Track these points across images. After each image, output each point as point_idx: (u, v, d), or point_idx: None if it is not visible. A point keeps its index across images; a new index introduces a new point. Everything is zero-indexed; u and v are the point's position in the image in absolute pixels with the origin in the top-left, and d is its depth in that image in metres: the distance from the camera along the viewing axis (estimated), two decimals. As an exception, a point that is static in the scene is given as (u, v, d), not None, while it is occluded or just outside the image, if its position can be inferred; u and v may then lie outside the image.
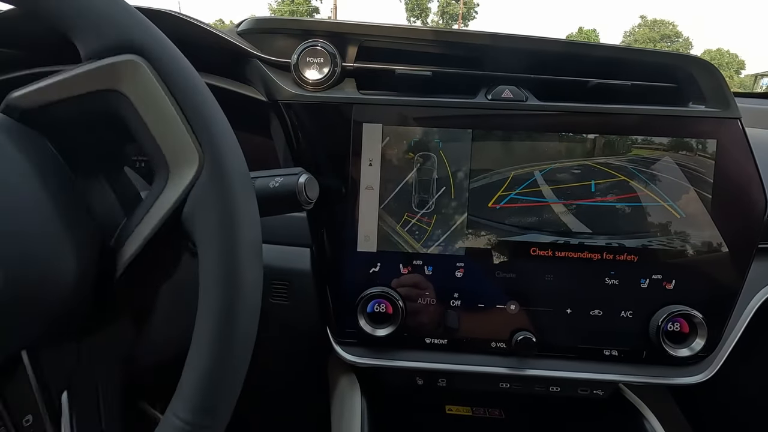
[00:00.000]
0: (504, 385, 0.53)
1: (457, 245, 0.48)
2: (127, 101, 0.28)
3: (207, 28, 0.50)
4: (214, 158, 0.28)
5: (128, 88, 0.28)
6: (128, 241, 0.29)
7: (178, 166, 0.28)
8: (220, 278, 0.26)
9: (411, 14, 36.36)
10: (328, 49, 0.48)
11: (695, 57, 0.48)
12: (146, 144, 0.29)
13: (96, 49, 0.28)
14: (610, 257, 0.48)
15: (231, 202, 0.27)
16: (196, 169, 0.27)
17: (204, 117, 0.28)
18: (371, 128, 0.48)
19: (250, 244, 0.27)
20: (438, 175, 0.48)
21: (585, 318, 0.49)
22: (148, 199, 0.29)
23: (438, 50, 0.50)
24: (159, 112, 0.28)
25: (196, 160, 0.28)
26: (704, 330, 0.47)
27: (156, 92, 0.28)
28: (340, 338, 0.51)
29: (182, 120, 0.28)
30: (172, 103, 0.28)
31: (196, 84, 0.29)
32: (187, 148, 0.28)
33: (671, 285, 0.48)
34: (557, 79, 0.49)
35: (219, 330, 0.26)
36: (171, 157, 0.28)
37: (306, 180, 0.38)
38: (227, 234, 0.26)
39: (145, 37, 0.28)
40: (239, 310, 0.26)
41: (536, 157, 0.48)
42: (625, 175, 0.47)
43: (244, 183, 0.28)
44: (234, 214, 0.27)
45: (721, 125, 0.47)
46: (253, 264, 0.27)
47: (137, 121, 0.28)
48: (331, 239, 0.49)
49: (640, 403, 0.54)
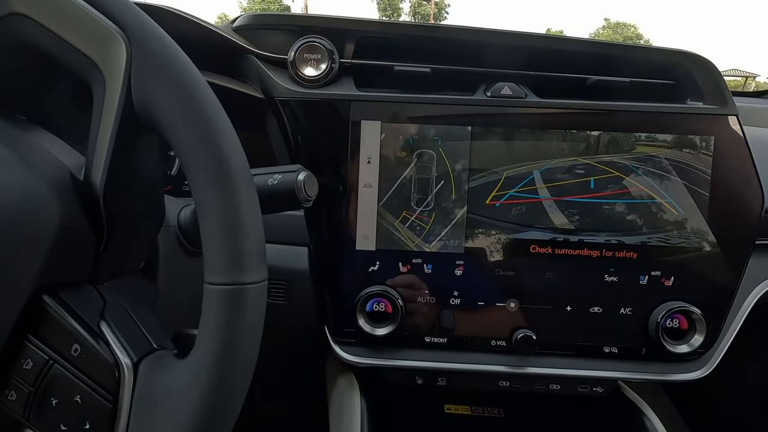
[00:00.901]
0: (504, 383, 0.52)
1: (457, 243, 0.48)
2: (29, 20, 0.27)
3: (202, 23, 0.49)
4: (137, 31, 0.26)
5: (23, 4, 0.26)
6: (94, 164, 0.28)
7: (107, 59, 0.26)
8: (198, 142, 0.25)
9: (383, 14, 36.45)
10: (326, 45, 0.48)
11: (694, 53, 0.48)
12: (66, 55, 0.27)
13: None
14: (610, 254, 0.48)
15: (174, 66, 0.26)
16: (126, 53, 0.26)
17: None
18: (369, 125, 0.47)
19: (211, 102, 0.26)
20: (437, 172, 0.48)
21: (585, 315, 0.48)
22: (96, 112, 0.28)
23: (437, 47, 0.50)
24: (62, 12, 0.26)
25: (121, 44, 0.26)
26: (703, 326, 0.47)
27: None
28: (338, 338, 0.50)
29: (87, 9, 0.26)
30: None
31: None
32: (107, 35, 0.26)
33: (670, 281, 0.48)
34: (556, 76, 0.49)
35: (218, 190, 0.25)
36: (94, 54, 0.27)
37: (305, 177, 0.37)
38: (187, 103, 0.25)
39: None
40: (229, 161, 0.25)
41: (535, 155, 0.47)
42: (623, 172, 0.47)
43: (176, 49, 0.27)
44: (183, 80, 0.25)
45: (719, 122, 0.47)
46: (222, 120, 0.26)
47: (48, 37, 0.27)
48: (329, 238, 0.49)
49: (640, 400, 0.54)
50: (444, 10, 37.46)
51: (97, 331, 0.28)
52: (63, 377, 0.27)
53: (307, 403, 0.68)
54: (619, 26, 38.05)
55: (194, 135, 0.25)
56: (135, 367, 0.27)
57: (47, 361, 0.27)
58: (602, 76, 0.48)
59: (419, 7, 36.41)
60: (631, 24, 38.42)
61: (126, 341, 0.28)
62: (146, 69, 0.26)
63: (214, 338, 0.25)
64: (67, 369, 0.27)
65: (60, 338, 0.27)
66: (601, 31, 38.59)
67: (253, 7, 31.73)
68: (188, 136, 0.25)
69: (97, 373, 0.27)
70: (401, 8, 36.85)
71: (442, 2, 36.90)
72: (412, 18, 36.30)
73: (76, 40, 0.27)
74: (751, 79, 26.05)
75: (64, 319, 0.27)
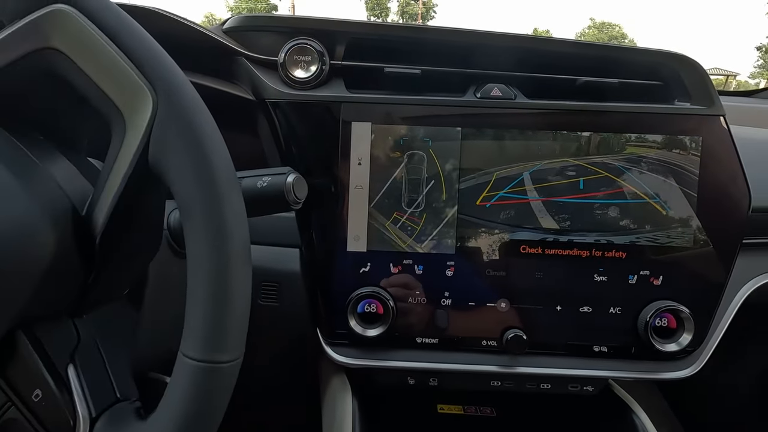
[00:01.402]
0: (495, 383, 0.53)
1: (447, 244, 0.48)
2: (63, 57, 0.27)
3: (192, 25, 0.49)
4: (166, 92, 0.26)
5: (60, 40, 0.26)
6: (99, 204, 0.28)
7: (132, 110, 0.27)
8: (202, 208, 0.25)
9: (371, 13, 36.44)
10: (316, 47, 0.48)
11: (680, 54, 0.48)
12: (93, 97, 0.27)
13: (18, 7, 0.26)
14: (599, 254, 0.48)
15: (195, 131, 0.26)
16: (152, 108, 0.26)
17: (146, 52, 0.26)
18: (360, 127, 0.47)
19: (224, 169, 0.26)
20: (427, 173, 0.48)
21: (575, 315, 0.49)
22: (111, 154, 0.28)
23: (427, 48, 0.50)
24: (97, 58, 0.26)
25: (148, 98, 0.26)
26: (691, 325, 0.48)
27: (89, 37, 0.26)
28: (330, 339, 0.50)
29: (123, 60, 0.26)
30: (108, 44, 0.26)
31: (128, 22, 0.27)
32: (137, 88, 0.26)
33: (659, 281, 0.48)
34: (546, 77, 0.50)
35: (213, 259, 0.24)
36: (122, 103, 0.27)
37: (294, 179, 0.37)
38: (199, 164, 0.25)
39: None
40: (228, 234, 0.25)
41: (525, 156, 0.48)
42: (612, 172, 0.48)
43: (202, 110, 0.27)
44: (201, 142, 0.25)
45: (706, 122, 0.47)
46: (231, 189, 0.26)
47: (79, 75, 0.27)
48: (320, 239, 0.49)
49: (630, 399, 0.54)
50: (432, 10, 37.51)
51: (63, 377, 0.27)
52: (18, 421, 0.27)
53: (300, 405, 0.68)
54: (604, 26, 38.43)
55: (200, 201, 0.25)
56: (93, 422, 0.27)
57: (6, 402, 0.27)
58: (591, 77, 0.49)
59: (407, 7, 36.45)
60: (616, 24, 38.86)
61: (89, 390, 0.28)
62: (168, 129, 0.26)
63: (177, 411, 0.25)
64: (24, 414, 0.27)
65: (24, 381, 0.27)
66: (587, 30, 38.93)
67: (240, 6, 31.60)
68: (194, 200, 0.25)
69: (53, 423, 0.27)
70: (389, 8, 36.86)
71: (429, 2, 36.97)
72: (400, 17, 36.33)
73: (107, 86, 0.27)
74: (732, 78, 26.41)
75: (32, 360, 0.27)
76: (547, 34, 38.64)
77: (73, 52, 0.26)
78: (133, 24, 0.27)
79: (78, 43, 0.26)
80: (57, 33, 0.26)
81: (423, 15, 36.32)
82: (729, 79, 25.97)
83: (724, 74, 26.51)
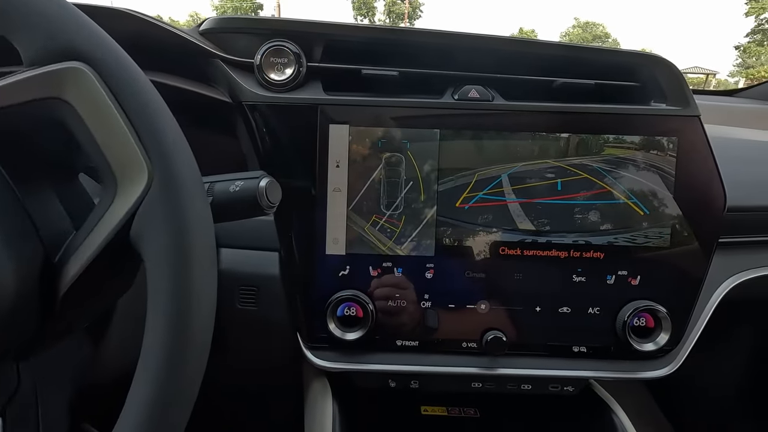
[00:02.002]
0: (476, 384, 0.53)
1: (427, 246, 0.48)
2: (72, 110, 0.27)
3: (167, 28, 0.49)
4: (164, 173, 0.26)
5: (73, 96, 0.27)
6: (72, 259, 0.28)
7: (126, 180, 0.27)
8: (169, 306, 0.25)
9: (358, 13, 36.45)
10: (293, 48, 0.48)
11: (656, 55, 0.49)
12: (92, 154, 0.27)
13: (38, 54, 0.26)
14: (577, 255, 0.48)
15: (182, 222, 0.26)
16: (145, 184, 0.26)
17: (154, 128, 0.27)
18: (338, 129, 0.47)
19: (201, 271, 0.26)
20: (406, 175, 0.48)
21: (554, 315, 0.49)
22: (95, 214, 0.28)
23: (405, 50, 0.50)
24: (105, 123, 0.26)
25: (145, 174, 0.26)
26: (668, 324, 0.48)
27: (102, 101, 0.26)
28: (310, 343, 0.50)
29: (130, 131, 0.26)
30: (119, 113, 0.26)
31: (145, 93, 0.27)
32: (135, 161, 0.26)
33: (636, 281, 0.48)
34: (523, 79, 0.50)
35: (166, 359, 0.24)
36: (118, 170, 0.27)
37: (267, 183, 0.37)
38: (177, 259, 0.25)
39: (90, 42, 0.27)
40: (188, 341, 0.25)
41: (503, 157, 0.48)
42: (590, 173, 0.48)
43: (196, 201, 0.27)
44: (185, 236, 0.26)
45: (682, 123, 0.48)
46: (204, 293, 0.26)
47: (83, 131, 0.27)
48: (299, 243, 0.48)
49: (610, 398, 0.55)
50: (418, 9, 37.59)
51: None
52: None
53: (283, 409, 0.68)
54: (588, 25, 38.90)
55: (168, 298, 0.25)
56: None
57: None
58: (568, 78, 0.49)
59: (393, 6, 36.46)
60: (600, 23, 39.30)
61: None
62: (156, 209, 0.26)
63: None
64: None
65: None
66: (572, 30, 39.35)
67: (225, 5, 31.36)
68: (163, 292, 0.25)
69: None
70: (375, 7, 36.85)
71: (416, 1, 37.02)
72: (387, 17, 36.32)
73: (108, 150, 0.27)
74: (711, 76, 26.82)
75: None
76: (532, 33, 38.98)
77: (84, 111, 0.27)
78: (149, 94, 0.27)
79: (90, 104, 0.26)
80: (72, 88, 0.26)
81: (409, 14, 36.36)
82: (709, 78, 26.37)
83: (704, 73, 26.85)
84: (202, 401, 0.28)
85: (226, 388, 0.60)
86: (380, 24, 3.18)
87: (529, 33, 39.36)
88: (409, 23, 36.26)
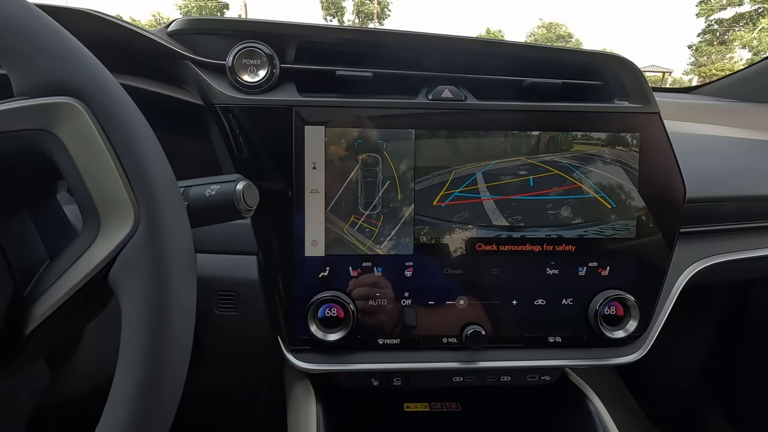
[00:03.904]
0: (458, 378, 0.54)
1: (406, 244, 0.49)
2: (61, 144, 0.26)
3: (134, 29, 0.47)
4: (151, 219, 0.26)
5: (62, 131, 0.26)
6: (45, 296, 0.27)
7: (110, 220, 0.26)
8: (142, 355, 0.24)
9: (326, 13, 36.37)
10: (265, 50, 0.47)
11: (618, 56, 0.51)
12: (77, 189, 0.26)
13: (30, 86, 0.25)
14: (550, 248, 0.50)
15: (164, 278, 0.25)
16: (130, 228, 0.25)
17: (144, 171, 0.26)
18: (313, 131, 0.47)
19: (181, 323, 0.25)
20: (383, 175, 0.48)
21: (530, 308, 0.51)
22: (74, 249, 0.27)
23: (379, 51, 0.50)
24: (94, 161, 0.26)
25: (131, 217, 0.25)
26: (637, 312, 0.50)
27: (93, 140, 0.25)
28: (292, 346, 0.50)
29: (119, 172, 0.26)
30: (110, 153, 0.26)
31: (139, 134, 0.27)
32: (122, 203, 0.26)
33: (606, 271, 0.51)
34: (495, 79, 0.51)
35: (135, 402, 0.24)
36: (103, 209, 0.26)
37: (244, 187, 0.36)
38: (156, 317, 0.24)
39: (85, 78, 0.26)
40: (159, 399, 0.24)
41: (477, 156, 0.49)
42: (560, 169, 0.50)
43: (182, 253, 0.26)
44: (166, 293, 0.25)
45: (643, 119, 0.50)
46: (181, 343, 0.25)
47: (69, 165, 0.26)
48: (277, 246, 0.48)
49: (585, 386, 0.57)
50: (387, 8, 37.77)
51: None
52: None
53: (266, 413, 0.67)
54: (552, 25, 40.14)
55: (139, 350, 0.24)
56: None
57: None
58: (537, 78, 0.50)
59: (362, 6, 36.50)
60: (563, 24, 40.61)
61: None
62: (140, 258, 0.25)
63: None
64: None
65: None
66: (537, 30, 40.50)
67: (189, 5, 30.56)
68: (135, 345, 0.24)
69: None
70: (344, 7, 36.77)
71: (384, 1, 37.20)
72: (356, 16, 36.31)
73: (94, 190, 0.26)
74: (668, 74, 28.21)
75: None
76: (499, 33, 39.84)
77: (73, 147, 0.26)
78: (142, 135, 0.27)
79: (79, 141, 0.26)
80: (63, 124, 0.26)
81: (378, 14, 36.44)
82: (665, 76, 27.71)
83: (661, 71, 28.19)
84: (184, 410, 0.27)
85: (207, 395, 0.59)
86: (354, 25, 3.17)
87: (496, 33, 40.20)
88: (378, 23, 36.37)
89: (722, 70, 22.96)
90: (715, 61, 27.17)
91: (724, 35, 27.23)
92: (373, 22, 35.95)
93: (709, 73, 23.80)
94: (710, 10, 27.28)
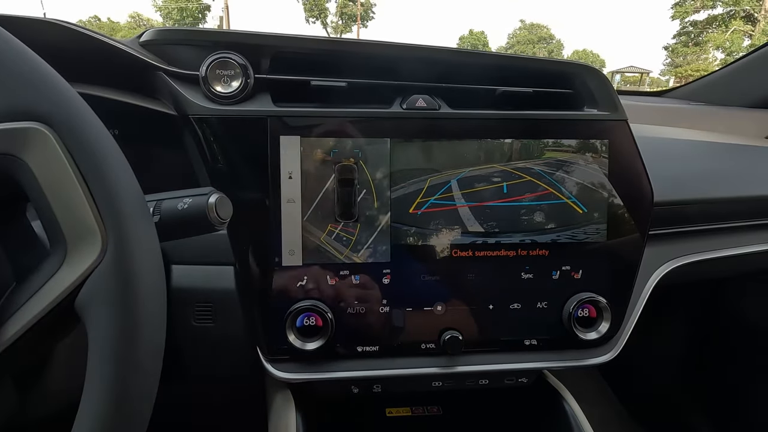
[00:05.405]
0: (437, 383, 0.54)
1: (383, 252, 0.49)
2: (27, 168, 0.26)
3: (105, 40, 0.47)
4: (118, 245, 0.25)
5: (30, 156, 0.25)
6: (11, 321, 0.26)
7: (78, 245, 0.26)
8: (107, 387, 0.24)
9: (309, 14, 36.34)
10: (239, 61, 0.47)
11: (587, 65, 0.52)
12: (44, 215, 0.26)
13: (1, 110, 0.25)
14: (524, 253, 0.51)
15: (131, 301, 0.25)
16: (98, 254, 0.25)
17: (113, 198, 0.26)
18: (288, 141, 0.47)
19: (147, 353, 0.25)
20: (359, 184, 0.49)
21: (506, 312, 0.51)
22: (41, 275, 0.27)
23: (352, 61, 0.51)
24: (62, 187, 0.25)
25: (98, 242, 0.25)
26: (609, 314, 0.52)
27: (60, 166, 0.25)
28: (270, 356, 0.50)
29: (87, 199, 0.25)
30: (78, 179, 0.25)
31: (107, 160, 0.26)
32: (90, 229, 0.25)
33: (578, 274, 0.52)
34: (468, 88, 0.52)
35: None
36: (70, 235, 0.26)
37: (217, 199, 0.36)
38: (123, 342, 0.24)
39: (54, 104, 0.26)
40: (123, 423, 0.24)
41: (452, 164, 0.50)
42: (533, 176, 0.51)
43: (149, 274, 0.26)
44: (133, 316, 0.25)
45: (612, 126, 0.52)
46: (147, 374, 0.25)
47: (36, 191, 0.26)
48: (254, 256, 0.48)
49: (561, 386, 0.58)
50: (370, 10, 37.81)
51: None
52: None
53: (248, 423, 0.67)
54: (533, 27, 40.74)
55: (106, 380, 0.24)
56: None
57: None
58: (509, 87, 0.52)
59: (345, 8, 36.47)
60: (544, 25, 41.23)
61: None
62: (107, 285, 0.25)
63: None
64: None
65: None
66: (518, 31, 41.04)
67: (169, 5, 30.12)
68: (98, 375, 0.24)
69: None
70: (327, 8, 36.71)
71: (368, 2, 37.23)
72: (339, 18, 36.26)
73: (61, 216, 0.25)
74: (646, 75, 28.94)
75: None
76: (481, 34, 40.17)
77: (40, 173, 0.25)
78: (112, 162, 0.26)
79: (47, 167, 0.25)
80: (30, 149, 0.25)
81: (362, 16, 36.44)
82: (643, 77, 28.44)
83: (639, 72, 28.89)
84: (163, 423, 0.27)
85: (186, 407, 0.58)
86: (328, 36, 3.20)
87: (478, 34, 40.58)
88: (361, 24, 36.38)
89: (698, 70, 23.62)
90: (691, 62, 27.94)
91: (699, 37, 28.04)
92: (357, 23, 36.00)
93: (685, 74, 24.45)
94: (684, 13, 28.07)
